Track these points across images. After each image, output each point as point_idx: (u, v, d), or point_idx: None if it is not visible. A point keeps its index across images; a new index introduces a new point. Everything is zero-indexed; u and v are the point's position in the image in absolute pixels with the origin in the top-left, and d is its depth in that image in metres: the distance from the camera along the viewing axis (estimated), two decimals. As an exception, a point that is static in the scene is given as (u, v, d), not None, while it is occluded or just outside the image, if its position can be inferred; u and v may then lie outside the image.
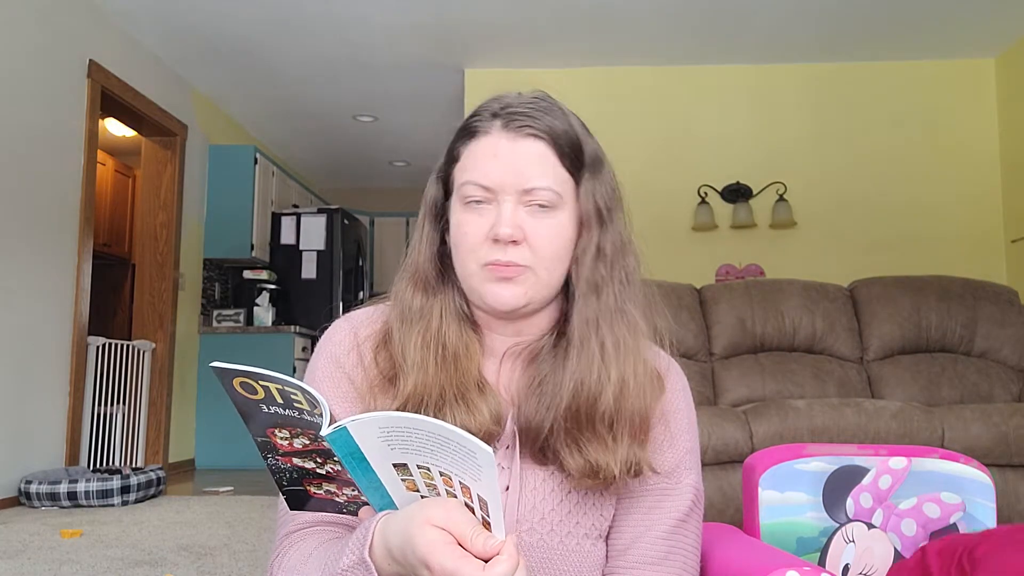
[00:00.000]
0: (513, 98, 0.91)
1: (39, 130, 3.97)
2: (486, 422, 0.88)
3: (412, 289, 0.94)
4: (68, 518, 3.40)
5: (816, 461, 1.22)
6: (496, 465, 0.66)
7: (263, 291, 6.01)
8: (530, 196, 0.87)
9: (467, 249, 0.89)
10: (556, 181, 0.88)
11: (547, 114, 0.89)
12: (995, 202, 4.98)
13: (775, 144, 5.11)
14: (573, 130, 0.90)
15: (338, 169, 7.79)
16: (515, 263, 0.87)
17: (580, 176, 0.90)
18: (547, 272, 0.89)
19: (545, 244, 0.88)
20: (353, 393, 0.93)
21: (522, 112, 0.88)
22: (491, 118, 0.89)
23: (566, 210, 0.89)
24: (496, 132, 0.88)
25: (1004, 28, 4.70)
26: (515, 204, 0.87)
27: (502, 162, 0.87)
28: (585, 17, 4.56)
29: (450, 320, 0.92)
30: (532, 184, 0.86)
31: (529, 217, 0.87)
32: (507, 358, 0.95)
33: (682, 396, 0.98)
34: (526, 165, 0.87)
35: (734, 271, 5.00)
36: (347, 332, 0.97)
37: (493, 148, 0.88)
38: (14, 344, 3.78)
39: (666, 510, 0.93)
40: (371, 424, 0.66)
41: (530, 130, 0.87)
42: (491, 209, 0.87)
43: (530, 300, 0.89)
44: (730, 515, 2.72)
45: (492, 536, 0.68)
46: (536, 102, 0.90)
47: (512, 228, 0.86)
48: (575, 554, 0.90)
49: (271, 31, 4.74)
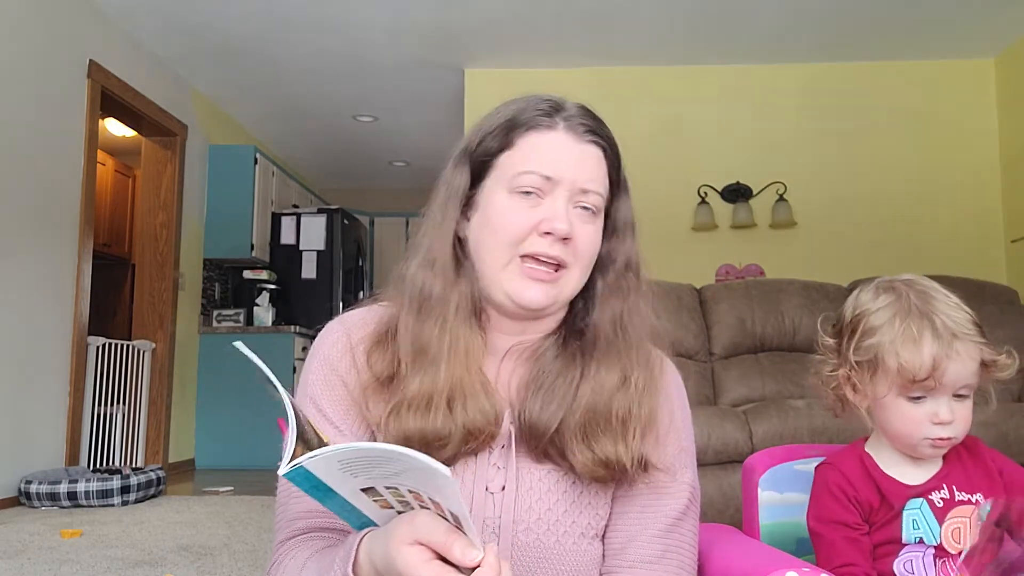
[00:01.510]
0: (565, 102, 0.94)
1: (39, 130, 3.97)
2: (488, 424, 0.88)
3: (430, 275, 0.91)
4: (68, 518, 3.40)
5: (816, 462, 1.22)
6: (457, 483, 0.67)
7: (263, 291, 6.01)
8: (583, 197, 0.90)
9: (507, 237, 0.89)
10: (604, 188, 0.93)
11: (605, 126, 0.94)
12: (995, 202, 4.98)
13: (775, 144, 5.11)
14: (617, 146, 0.95)
15: (338, 169, 7.79)
16: (559, 259, 0.89)
17: (617, 189, 0.95)
18: (581, 273, 0.92)
19: (587, 246, 0.91)
20: (347, 397, 0.92)
21: (583, 121, 0.92)
22: (553, 114, 0.91)
23: (601, 218, 0.94)
24: (562, 130, 0.91)
25: (1004, 28, 4.70)
26: (568, 202, 0.89)
27: (569, 157, 0.90)
28: (585, 17, 4.56)
29: (462, 315, 0.91)
30: (589, 185, 0.90)
31: (576, 218, 0.90)
32: (508, 357, 0.95)
33: (676, 394, 0.99)
34: (588, 166, 0.90)
35: (734, 271, 5.00)
36: (340, 334, 0.96)
37: (559, 144, 0.90)
38: (14, 344, 3.78)
39: (662, 508, 0.93)
40: (329, 459, 0.65)
41: (593, 136, 0.92)
42: (542, 203, 0.89)
43: (555, 300, 0.91)
44: (730, 515, 2.72)
45: (470, 542, 0.67)
46: (589, 111, 0.94)
47: (568, 224, 0.88)
48: (572, 553, 0.90)
49: (271, 31, 4.74)
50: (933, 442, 1.03)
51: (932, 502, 1.04)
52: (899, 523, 1.04)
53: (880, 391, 1.05)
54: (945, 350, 1.00)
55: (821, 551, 1.06)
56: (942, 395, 1.02)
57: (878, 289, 1.09)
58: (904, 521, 1.04)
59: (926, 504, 1.04)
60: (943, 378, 1.00)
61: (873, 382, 1.05)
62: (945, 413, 1.02)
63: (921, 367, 1.00)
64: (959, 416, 1.03)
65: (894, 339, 1.02)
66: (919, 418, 1.03)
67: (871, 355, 1.04)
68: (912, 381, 1.01)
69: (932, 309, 1.02)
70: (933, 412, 1.02)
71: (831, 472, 1.09)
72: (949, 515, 1.04)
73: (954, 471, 1.07)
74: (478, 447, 0.89)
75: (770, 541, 1.18)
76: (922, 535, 1.03)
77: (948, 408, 1.02)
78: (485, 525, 0.89)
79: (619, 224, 0.95)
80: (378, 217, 8.05)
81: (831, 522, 1.05)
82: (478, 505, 0.89)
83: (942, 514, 1.04)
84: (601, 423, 0.88)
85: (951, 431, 1.03)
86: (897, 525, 1.04)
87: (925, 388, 1.01)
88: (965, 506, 1.04)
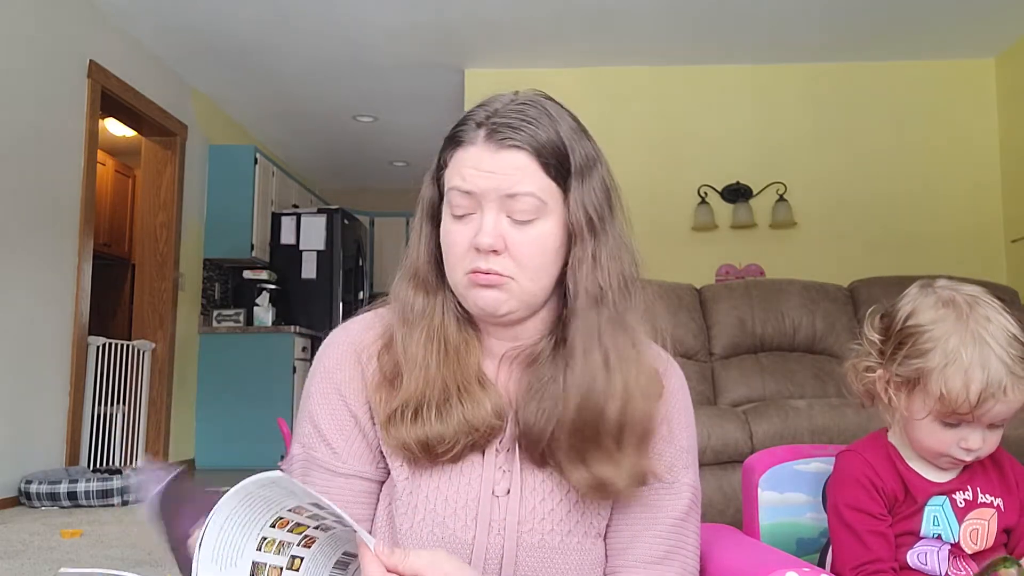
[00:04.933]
0: (502, 104, 0.90)
1: (39, 130, 3.97)
2: (488, 416, 0.89)
3: (412, 290, 0.95)
4: (68, 518, 3.40)
5: (816, 462, 1.22)
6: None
7: (263, 291, 6.01)
8: (513, 203, 0.86)
9: (454, 258, 0.90)
10: (540, 188, 0.87)
11: (532, 123, 0.87)
12: (995, 202, 4.98)
13: (775, 144, 5.11)
14: (559, 137, 0.88)
15: (338, 169, 7.79)
16: (496, 272, 0.87)
17: (567, 184, 0.89)
18: (531, 282, 0.88)
19: (528, 254, 0.87)
20: (345, 413, 0.93)
21: (505, 123, 0.87)
22: (476, 128, 0.89)
23: (552, 219, 0.88)
24: (480, 143, 0.87)
25: (1004, 28, 4.70)
26: (498, 213, 0.87)
27: (484, 172, 0.87)
28: (585, 17, 4.56)
29: (450, 318, 0.93)
30: (515, 189, 0.86)
31: (512, 227, 0.87)
32: (505, 361, 0.95)
33: (680, 395, 0.99)
34: (508, 174, 0.86)
35: (734, 271, 5.00)
36: (342, 342, 0.97)
37: (476, 159, 0.87)
38: (14, 344, 3.78)
39: (664, 509, 0.93)
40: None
41: (511, 142, 0.86)
42: (475, 218, 0.88)
43: (515, 308, 0.89)
44: (730, 515, 2.72)
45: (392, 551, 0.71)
46: (524, 109, 0.89)
47: (493, 238, 0.86)
48: (575, 552, 0.91)
49: (271, 31, 4.74)
50: (954, 461, 1.03)
51: (954, 501, 1.05)
52: (920, 518, 1.04)
53: (916, 411, 1.03)
54: (993, 390, 0.96)
55: (844, 540, 1.04)
56: (977, 426, 1.00)
57: (939, 300, 1.03)
58: (925, 516, 1.04)
59: (948, 502, 1.04)
60: (984, 416, 0.99)
61: (911, 398, 1.03)
62: (975, 442, 1.01)
63: (965, 403, 0.97)
64: (988, 443, 1.02)
65: (943, 368, 0.98)
66: (948, 441, 1.02)
67: (915, 375, 1.02)
68: (952, 412, 0.99)
69: (988, 341, 0.98)
70: (963, 438, 1.01)
71: (857, 460, 1.08)
72: (968, 516, 1.04)
73: (978, 474, 1.07)
74: (482, 441, 0.90)
75: (770, 541, 1.18)
76: (941, 532, 1.04)
77: (980, 437, 1.01)
78: (491, 527, 0.90)
79: (576, 224, 0.89)
80: (378, 217, 8.05)
81: (858, 510, 1.04)
82: (484, 508, 0.90)
83: (962, 514, 1.04)
84: (592, 439, 0.87)
85: (975, 455, 1.02)
86: (918, 520, 1.04)
87: (962, 418, 1.00)
88: (985, 508, 1.05)
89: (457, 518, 0.89)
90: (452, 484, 0.90)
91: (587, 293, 0.89)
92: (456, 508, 0.90)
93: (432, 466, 0.90)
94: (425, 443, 0.88)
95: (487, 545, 0.89)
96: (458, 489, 0.90)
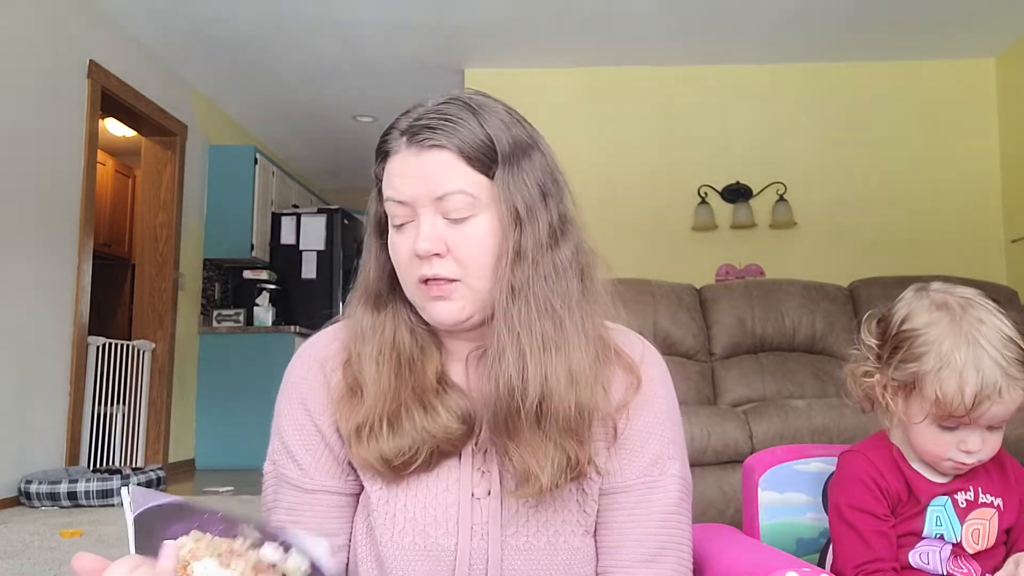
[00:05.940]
0: (424, 108, 0.89)
1: (39, 130, 3.97)
2: (447, 422, 0.87)
3: (363, 308, 0.95)
4: (68, 518, 3.40)
5: (816, 462, 1.22)
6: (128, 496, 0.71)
7: (263, 291, 6.01)
8: (445, 203, 0.85)
9: (402, 268, 0.89)
10: (468, 184, 0.85)
11: (451, 120, 0.86)
12: (995, 202, 4.98)
13: (775, 144, 5.11)
14: (482, 128, 0.86)
15: (338, 169, 7.79)
16: (442, 276, 0.86)
17: (495, 175, 0.86)
18: (479, 281, 0.86)
19: (469, 253, 0.86)
20: (312, 429, 0.93)
21: (425, 125, 0.86)
22: (399, 136, 0.88)
23: (488, 213, 0.86)
24: (403, 149, 0.87)
25: (1004, 28, 4.70)
26: (433, 216, 0.86)
27: (411, 176, 0.86)
28: (585, 17, 4.56)
29: (403, 330, 0.93)
30: (443, 190, 0.85)
31: (449, 228, 0.86)
32: (471, 361, 0.94)
33: (659, 384, 0.95)
34: (433, 174, 0.85)
35: (734, 271, 5.00)
36: (306, 356, 0.97)
37: (402, 166, 0.87)
38: (14, 344, 3.78)
39: (653, 503, 0.90)
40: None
41: (431, 142, 0.85)
42: (414, 225, 0.87)
43: (471, 312, 0.88)
44: (730, 515, 2.72)
45: None
46: (444, 108, 0.87)
47: (431, 242, 0.85)
48: (563, 552, 0.89)
49: (271, 31, 4.74)
50: (956, 465, 1.03)
51: (956, 501, 1.05)
52: (923, 518, 1.04)
53: (914, 415, 1.03)
54: (988, 392, 0.96)
55: (846, 540, 1.05)
56: (976, 428, 1.01)
57: (932, 303, 1.04)
58: (928, 517, 1.04)
59: (950, 503, 1.05)
60: (981, 418, 0.99)
61: (908, 402, 1.04)
62: (975, 443, 1.01)
63: (960, 406, 0.98)
64: (988, 445, 1.02)
65: (938, 371, 0.99)
66: (947, 443, 1.02)
67: (911, 379, 1.02)
68: (948, 415, 0.99)
69: (982, 343, 0.98)
70: (962, 440, 1.01)
71: (861, 460, 1.08)
72: (970, 516, 1.04)
73: (980, 474, 1.07)
74: (447, 447, 0.89)
75: (770, 541, 1.18)
76: (943, 532, 1.04)
77: (979, 439, 1.01)
78: (473, 531, 0.88)
79: (502, 216, 0.86)
80: (378, 217, 8.04)
81: (861, 510, 1.04)
82: (465, 511, 0.88)
83: (964, 514, 1.04)
84: (512, 430, 0.85)
85: (976, 458, 1.02)
86: (920, 520, 1.05)
87: (959, 421, 1.00)
88: (986, 508, 1.05)
89: (438, 524, 0.88)
90: (429, 490, 0.89)
91: (506, 287, 0.85)
92: (436, 514, 0.88)
93: (404, 477, 0.89)
94: (384, 459, 0.87)
95: (470, 550, 0.87)
96: (436, 495, 0.89)
